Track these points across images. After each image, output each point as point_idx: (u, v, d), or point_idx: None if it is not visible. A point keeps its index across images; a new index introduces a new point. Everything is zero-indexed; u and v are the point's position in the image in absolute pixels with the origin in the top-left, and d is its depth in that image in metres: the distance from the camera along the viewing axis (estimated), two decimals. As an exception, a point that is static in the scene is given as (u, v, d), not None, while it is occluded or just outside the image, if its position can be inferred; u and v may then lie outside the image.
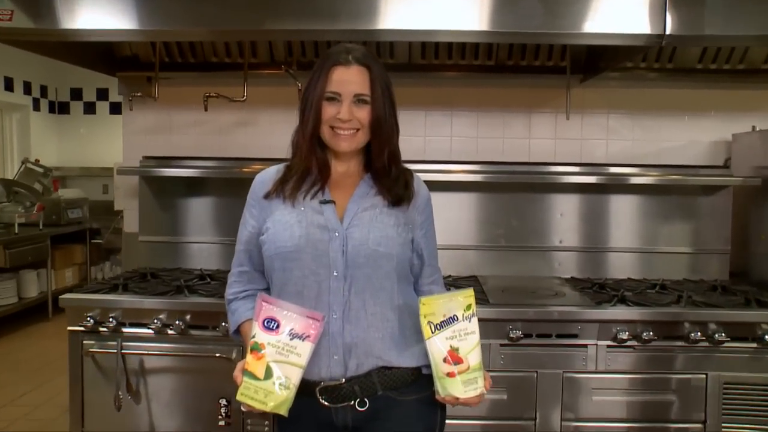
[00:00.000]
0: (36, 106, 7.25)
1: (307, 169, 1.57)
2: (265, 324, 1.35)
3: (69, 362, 2.39)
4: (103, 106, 7.51)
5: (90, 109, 7.59)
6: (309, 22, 2.24)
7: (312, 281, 1.49)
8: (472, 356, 1.40)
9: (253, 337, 1.36)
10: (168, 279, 2.70)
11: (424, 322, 1.40)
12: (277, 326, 1.35)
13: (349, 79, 1.52)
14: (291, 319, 1.35)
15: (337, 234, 1.50)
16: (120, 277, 2.73)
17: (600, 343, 2.30)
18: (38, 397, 4.08)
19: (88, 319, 2.34)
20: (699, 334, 2.24)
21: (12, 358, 4.93)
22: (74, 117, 7.63)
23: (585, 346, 2.30)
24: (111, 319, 2.34)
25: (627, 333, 2.26)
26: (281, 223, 1.53)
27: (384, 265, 1.51)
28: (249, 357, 1.36)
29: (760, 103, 3.02)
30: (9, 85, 6.77)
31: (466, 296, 1.42)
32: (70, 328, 2.37)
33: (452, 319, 1.40)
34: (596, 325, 2.30)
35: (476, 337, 1.42)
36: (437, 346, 1.40)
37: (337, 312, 1.48)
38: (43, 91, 7.37)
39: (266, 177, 1.64)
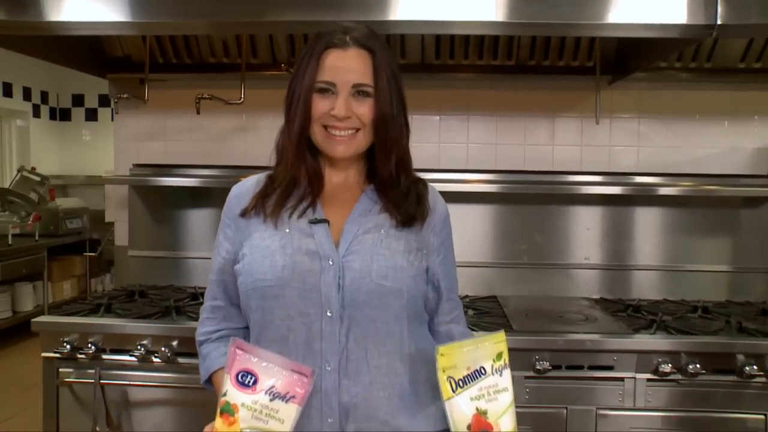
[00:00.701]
0: (36, 113, 7.07)
1: (294, 179, 1.28)
2: (239, 379, 1.07)
3: (43, 393, 2.16)
4: (105, 113, 7.32)
5: (92, 115, 7.42)
6: (313, 13, 2.00)
7: (299, 324, 1.20)
8: (505, 421, 1.11)
9: (224, 395, 1.08)
10: (157, 299, 2.46)
11: (442, 378, 1.10)
12: (255, 382, 1.06)
13: (346, 66, 1.23)
14: (272, 373, 1.07)
15: (331, 263, 1.21)
16: (105, 296, 2.49)
17: (638, 376, 2.03)
18: (20, 422, 3.84)
19: (65, 344, 2.10)
20: (755, 367, 1.97)
21: (1, 378, 4.70)
22: (76, 123, 7.46)
23: (621, 379, 2.03)
24: (90, 345, 2.10)
25: (669, 365, 1.99)
26: (260, 249, 1.24)
27: (392, 303, 1.21)
28: (218, 421, 1.07)
29: (810, 106, 2.76)
30: (8, 91, 6.60)
31: (496, 342, 1.12)
32: (44, 354, 2.14)
33: (479, 373, 1.10)
34: (634, 355, 2.03)
35: (509, 396, 1.12)
36: (460, 408, 1.10)
37: (332, 363, 1.19)
38: (44, 97, 7.19)
39: (243, 189, 1.35)
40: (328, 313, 1.19)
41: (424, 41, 2.61)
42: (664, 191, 2.64)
